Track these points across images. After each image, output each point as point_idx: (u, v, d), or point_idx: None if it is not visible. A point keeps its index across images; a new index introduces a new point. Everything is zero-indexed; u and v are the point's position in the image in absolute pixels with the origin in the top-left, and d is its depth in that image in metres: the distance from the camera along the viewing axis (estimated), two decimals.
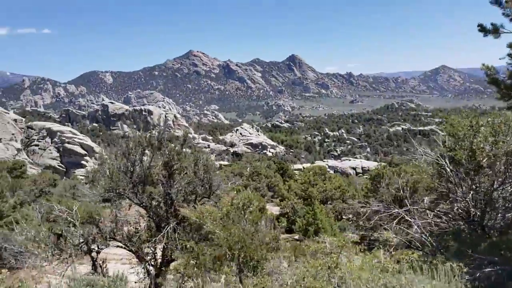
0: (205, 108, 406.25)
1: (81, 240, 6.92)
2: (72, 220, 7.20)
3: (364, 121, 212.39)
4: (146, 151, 7.41)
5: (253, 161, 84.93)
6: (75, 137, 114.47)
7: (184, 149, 7.73)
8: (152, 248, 7.38)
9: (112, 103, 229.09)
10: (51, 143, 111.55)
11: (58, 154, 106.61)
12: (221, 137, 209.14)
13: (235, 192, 8.49)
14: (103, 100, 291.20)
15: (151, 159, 7.55)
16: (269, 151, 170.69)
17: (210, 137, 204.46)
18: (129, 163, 7.41)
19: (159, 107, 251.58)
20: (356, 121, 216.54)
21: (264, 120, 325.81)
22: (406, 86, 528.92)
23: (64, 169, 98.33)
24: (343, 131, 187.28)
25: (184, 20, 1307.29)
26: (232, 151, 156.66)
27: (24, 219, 10.55)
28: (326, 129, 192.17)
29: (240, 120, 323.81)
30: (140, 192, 7.30)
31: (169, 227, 6.87)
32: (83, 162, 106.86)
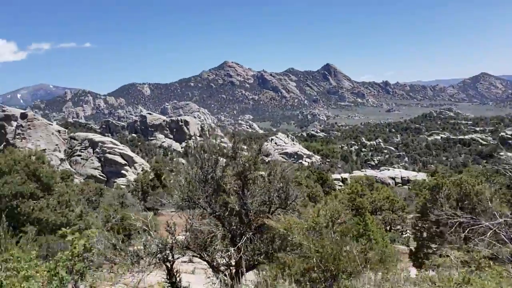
0: (239, 118, 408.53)
1: (158, 249, 6.97)
2: (147, 228, 7.27)
3: (402, 130, 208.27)
4: (220, 160, 7.40)
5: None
6: (116, 147, 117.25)
7: (259, 158, 7.69)
8: (226, 259, 7.34)
9: (150, 114, 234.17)
10: (93, 153, 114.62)
11: (99, 164, 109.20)
12: (255, 147, 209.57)
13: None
14: (141, 111, 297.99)
15: (223, 169, 7.54)
16: (305, 161, 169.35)
17: (245, 146, 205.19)
18: (202, 173, 7.41)
19: (195, 117, 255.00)
20: (393, 130, 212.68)
21: (299, 130, 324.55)
22: (444, 94, 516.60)
23: (105, 179, 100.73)
24: (380, 140, 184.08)
25: (219, 32, 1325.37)
26: (267, 160, 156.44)
27: (89, 228, 10.77)
28: (363, 138, 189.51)
29: (274, 130, 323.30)
30: (213, 202, 7.28)
31: (246, 237, 6.80)
32: (123, 171, 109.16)
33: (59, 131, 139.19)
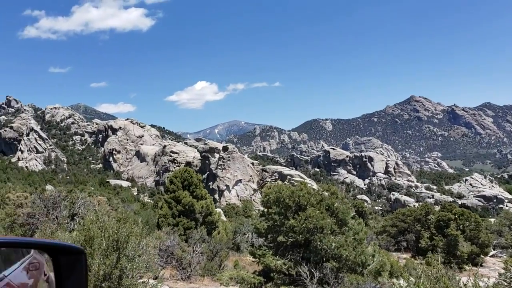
0: (426, 156, 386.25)
1: None
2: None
3: None
4: None
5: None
6: (303, 181, 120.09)
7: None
8: None
9: (333, 149, 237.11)
10: None
11: None
12: (446, 187, 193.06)
13: None
14: (322, 146, 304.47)
15: None
16: (507, 206, 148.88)
17: (434, 187, 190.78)
18: None
19: (377, 153, 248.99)
20: None
21: (497, 170, 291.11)
22: None
23: None
24: None
25: (405, 66, 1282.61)
26: (460, 203, 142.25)
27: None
28: None
29: (466, 169, 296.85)
30: None
31: None
32: None
33: (252, 163, 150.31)
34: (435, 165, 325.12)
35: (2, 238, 2.13)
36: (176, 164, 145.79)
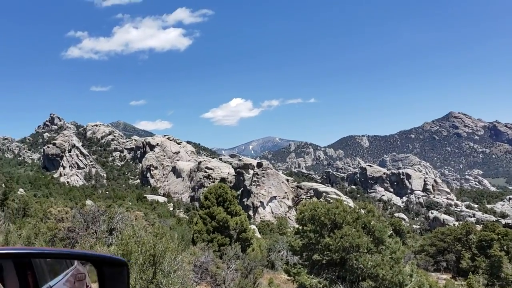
0: (466, 173, 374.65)
1: None
2: None
3: None
4: None
5: None
6: (339, 198, 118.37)
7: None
8: None
9: (370, 166, 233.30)
10: None
11: None
12: (489, 206, 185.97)
13: None
14: (359, 163, 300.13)
15: None
16: None
17: (476, 205, 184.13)
18: None
19: (415, 170, 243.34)
20: None
21: None
22: None
23: None
24: None
25: (443, 81, 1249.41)
26: (503, 223, 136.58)
27: None
28: None
29: (510, 188, 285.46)
30: None
31: None
32: None
33: (287, 180, 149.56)
34: (476, 183, 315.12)
35: (50, 249, 2.29)
36: (211, 180, 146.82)
